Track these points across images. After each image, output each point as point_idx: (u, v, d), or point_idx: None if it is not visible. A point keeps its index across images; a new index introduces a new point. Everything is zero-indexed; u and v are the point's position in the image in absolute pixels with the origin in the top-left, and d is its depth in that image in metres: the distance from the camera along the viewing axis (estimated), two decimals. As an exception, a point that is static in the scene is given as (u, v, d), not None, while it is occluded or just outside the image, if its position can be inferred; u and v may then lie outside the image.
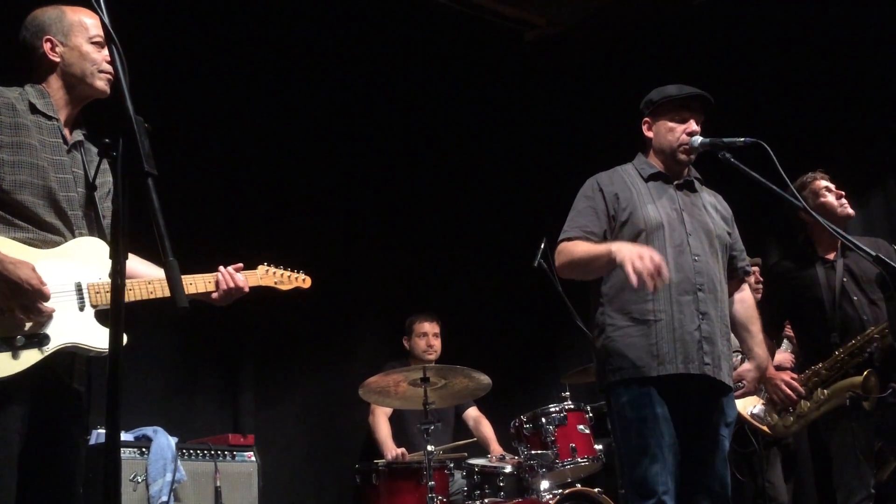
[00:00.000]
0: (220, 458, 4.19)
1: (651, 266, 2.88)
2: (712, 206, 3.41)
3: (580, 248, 3.19)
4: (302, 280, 3.15)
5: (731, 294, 3.42)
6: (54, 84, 2.65)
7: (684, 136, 3.31)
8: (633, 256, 2.92)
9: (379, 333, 5.92)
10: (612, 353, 3.19)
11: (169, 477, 3.86)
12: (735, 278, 3.45)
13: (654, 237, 3.21)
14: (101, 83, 2.66)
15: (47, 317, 2.45)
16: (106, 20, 1.83)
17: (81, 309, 2.52)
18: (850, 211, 4.09)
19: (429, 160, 6.35)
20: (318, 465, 5.48)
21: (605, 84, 6.64)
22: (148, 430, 4.07)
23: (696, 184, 3.43)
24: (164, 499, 3.84)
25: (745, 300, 3.46)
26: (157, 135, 1.82)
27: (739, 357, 4.20)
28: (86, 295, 2.54)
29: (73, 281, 2.53)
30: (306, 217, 5.69)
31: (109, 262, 2.31)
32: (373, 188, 6.10)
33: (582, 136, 6.66)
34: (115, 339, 1.73)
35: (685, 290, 3.17)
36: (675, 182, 3.37)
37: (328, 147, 5.91)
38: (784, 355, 4.80)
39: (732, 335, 3.42)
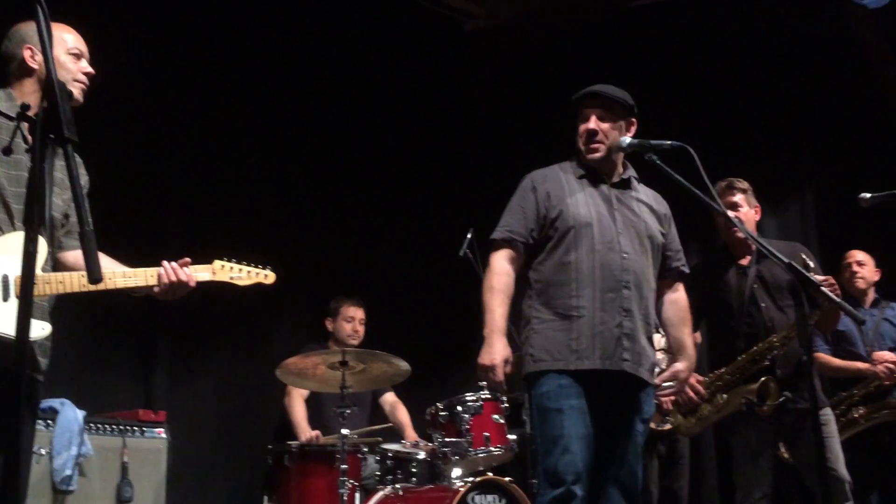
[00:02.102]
0: (129, 434, 4.12)
1: (491, 379, 3.22)
2: (647, 205, 3.45)
3: (493, 299, 3.30)
4: (264, 276, 3.12)
5: (663, 294, 3.47)
6: (28, 88, 2.81)
7: (585, 136, 3.38)
8: (482, 365, 3.23)
9: (298, 315, 5.88)
10: (534, 345, 3.26)
11: (74, 451, 3.77)
12: (668, 278, 3.49)
13: (582, 234, 3.27)
14: (75, 91, 2.85)
15: None
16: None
17: (6, 300, 2.57)
18: (739, 235, 4.14)
19: (358, 144, 6.30)
20: (230, 444, 5.42)
21: (540, 79, 6.68)
22: (55, 403, 3.96)
23: (633, 182, 3.48)
24: (69, 472, 3.76)
25: (678, 301, 3.49)
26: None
27: (665, 356, 4.30)
28: (11, 286, 2.60)
29: (0, 273, 2.59)
30: (230, 196, 5.63)
31: (43, 254, 2.62)
32: (299, 169, 6.04)
33: (514, 129, 6.70)
34: (24, 312, 1.70)
35: (610, 287, 3.22)
36: (610, 181, 3.42)
37: (254, 127, 5.84)
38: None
39: (659, 334, 3.49)
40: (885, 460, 4.83)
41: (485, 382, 3.31)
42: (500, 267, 3.35)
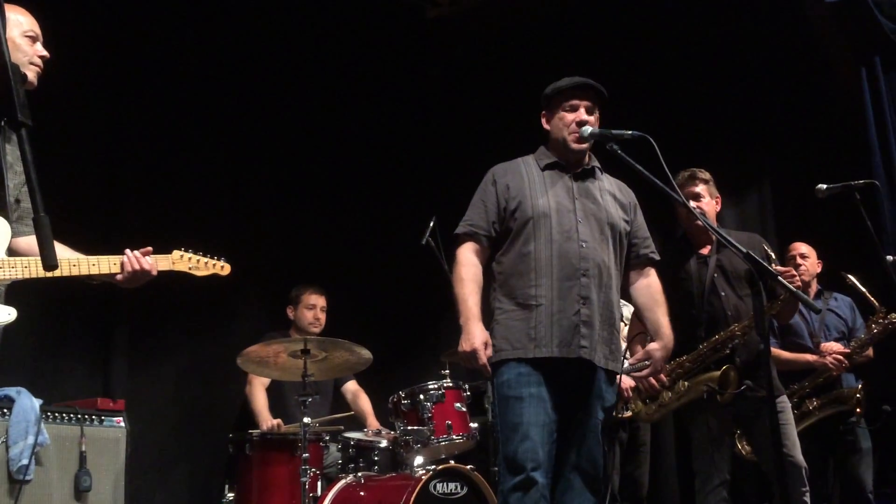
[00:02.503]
0: (87, 423, 4.05)
1: (475, 364, 3.21)
2: (611, 194, 3.48)
3: (464, 289, 3.31)
4: (220, 267, 3.17)
5: (633, 281, 3.52)
6: None
7: (574, 126, 3.40)
8: (463, 352, 3.22)
9: (260, 302, 5.83)
10: (496, 335, 3.30)
11: (31, 440, 3.69)
12: (638, 265, 3.53)
13: (540, 224, 3.31)
14: (31, 74, 2.83)
15: None
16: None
17: None
18: (700, 224, 4.12)
19: (319, 131, 6.25)
20: (190, 433, 5.38)
21: (503, 67, 6.67)
22: (10, 391, 3.87)
23: (597, 172, 3.51)
24: (25, 462, 3.68)
25: (651, 285, 3.53)
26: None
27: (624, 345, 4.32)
28: None
29: None
30: (189, 183, 5.58)
31: (6, 236, 2.63)
32: (260, 156, 5.98)
33: (476, 117, 6.68)
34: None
35: (568, 275, 3.26)
36: (574, 171, 3.45)
37: (213, 114, 5.77)
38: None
39: (623, 324, 3.51)
40: (838, 447, 4.90)
41: (466, 368, 3.30)
42: (467, 258, 3.38)
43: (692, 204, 4.11)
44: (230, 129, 5.85)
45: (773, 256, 4.07)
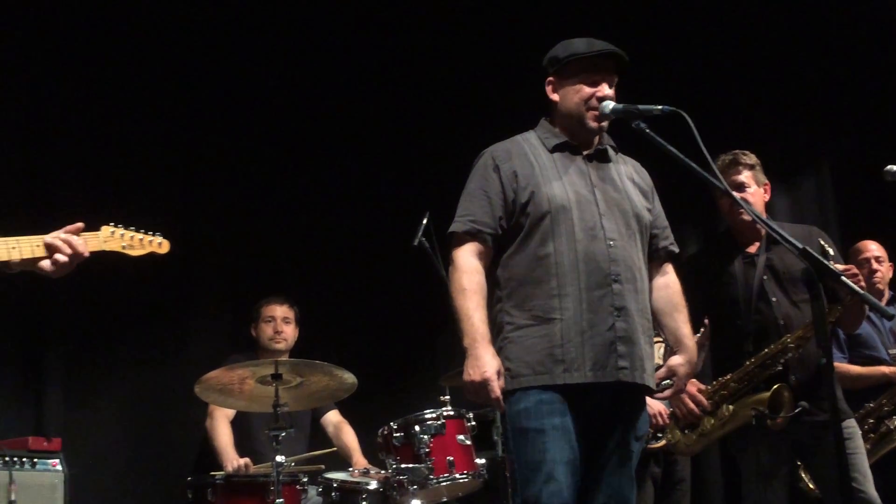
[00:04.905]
0: (18, 466, 4.07)
1: (486, 397, 3.16)
2: (630, 178, 3.46)
3: (468, 302, 3.24)
4: (158, 244, 3.18)
5: (652, 278, 3.49)
6: None
7: (594, 101, 3.35)
8: (471, 382, 3.16)
9: (223, 320, 5.83)
10: (510, 357, 3.25)
11: (-50, 488, 3.72)
12: (656, 260, 3.50)
13: (560, 220, 3.26)
14: None
15: None
16: None
17: None
18: (746, 218, 4.11)
19: (288, 112, 6.23)
20: (141, 476, 5.38)
21: (500, 39, 6.63)
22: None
23: (611, 153, 3.48)
24: (-57, 515, 3.70)
25: (670, 285, 3.51)
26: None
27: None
28: None
29: None
30: (138, 179, 5.56)
31: None
32: (221, 148, 5.96)
33: (473, 94, 6.65)
34: None
35: (598, 282, 3.22)
36: (585, 153, 3.41)
37: (168, 100, 5.80)
38: None
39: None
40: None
41: (481, 402, 3.26)
42: (468, 264, 3.31)
43: (735, 195, 4.11)
44: (181, 102, 5.82)
45: (833, 252, 4.07)
